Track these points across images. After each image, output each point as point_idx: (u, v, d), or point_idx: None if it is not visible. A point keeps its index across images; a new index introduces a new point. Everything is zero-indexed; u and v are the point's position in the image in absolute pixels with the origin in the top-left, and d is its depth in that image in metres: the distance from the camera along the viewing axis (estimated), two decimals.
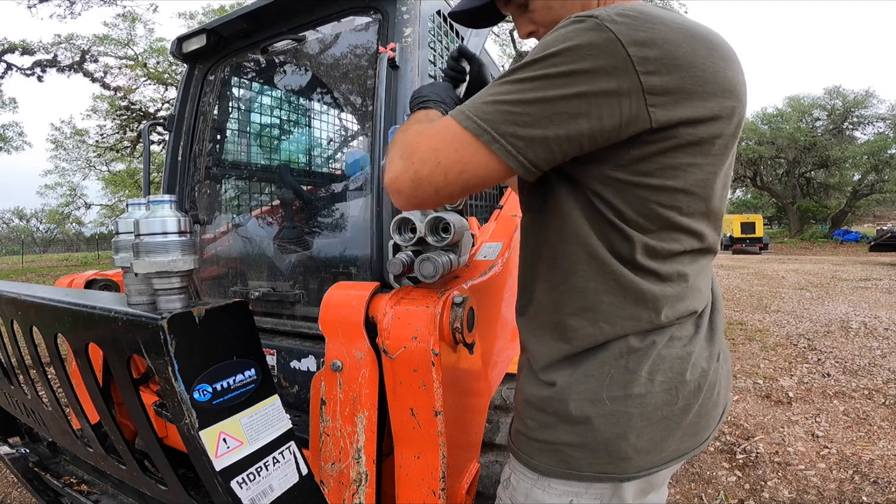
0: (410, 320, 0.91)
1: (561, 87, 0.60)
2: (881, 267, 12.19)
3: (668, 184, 0.66)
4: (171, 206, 0.79)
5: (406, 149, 0.69)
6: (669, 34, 0.61)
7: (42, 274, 15.27)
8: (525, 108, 0.61)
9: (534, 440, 0.77)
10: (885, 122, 25.14)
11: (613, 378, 0.71)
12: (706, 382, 0.75)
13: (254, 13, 1.53)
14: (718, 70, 0.64)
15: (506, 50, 15.31)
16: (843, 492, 2.28)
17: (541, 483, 0.77)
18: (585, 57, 0.59)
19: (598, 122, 0.61)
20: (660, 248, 0.69)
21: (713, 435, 0.81)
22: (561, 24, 0.63)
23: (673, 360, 0.72)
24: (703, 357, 0.75)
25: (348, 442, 0.96)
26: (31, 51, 13.00)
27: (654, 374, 0.71)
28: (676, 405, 0.72)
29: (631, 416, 0.71)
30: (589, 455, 0.72)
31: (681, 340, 0.74)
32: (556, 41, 0.61)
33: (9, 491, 2.33)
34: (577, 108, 0.60)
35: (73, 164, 22.25)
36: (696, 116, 0.63)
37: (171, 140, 1.81)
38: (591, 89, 0.59)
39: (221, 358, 0.71)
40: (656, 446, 0.72)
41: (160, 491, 0.91)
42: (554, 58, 0.60)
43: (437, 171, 0.66)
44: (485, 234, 1.50)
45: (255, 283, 1.66)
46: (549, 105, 0.60)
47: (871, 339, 4.82)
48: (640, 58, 0.59)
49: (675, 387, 0.72)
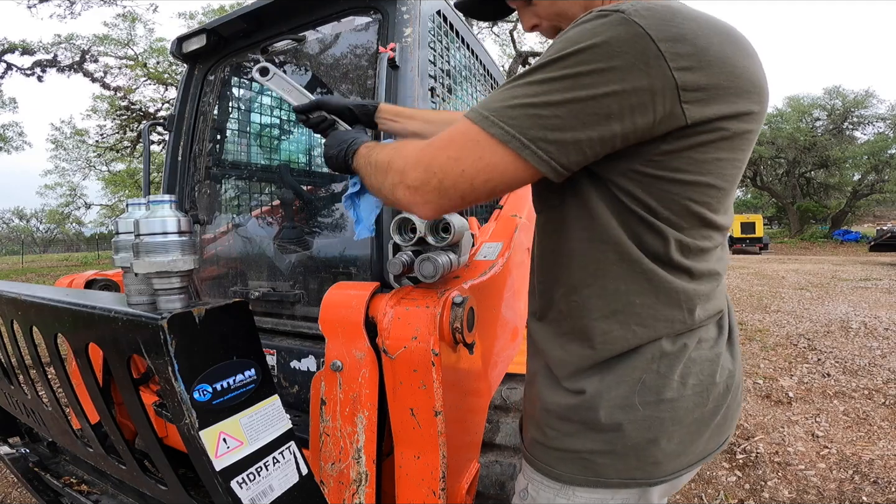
0: (410, 320, 0.91)
1: (591, 86, 0.57)
2: (881, 267, 12.19)
3: (701, 179, 0.64)
4: (171, 206, 0.79)
5: (417, 163, 0.66)
6: (699, 30, 0.59)
7: (42, 274, 15.27)
8: (554, 110, 0.58)
9: (554, 449, 0.75)
10: (885, 122, 25.15)
11: (645, 383, 0.69)
12: (734, 383, 0.75)
13: (254, 13, 1.53)
14: (747, 66, 0.63)
15: (506, 50, 15.32)
16: (843, 492, 2.28)
17: (564, 492, 0.74)
18: (615, 54, 0.56)
19: (632, 122, 0.59)
20: (693, 245, 0.68)
21: (732, 435, 0.81)
22: (583, 19, 0.60)
23: (703, 362, 0.71)
24: (728, 358, 0.75)
25: (348, 442, 0.96)
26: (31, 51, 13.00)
27: (687, 378, 0.70)
28: (707, 407, 0.71)
29: (663, 421, 0.69)
30: (617, 462, 0.70)
31: (708, 342, 0.72)
32: (582, 37, 0.58)
33: (9, 491, 2.33)
34: (610, 109, 0.58)
35: (73, 164, 22.25)
36: (728, 113, 0.61)
37: (171, 140, 1.81)
38: (624, 88, 0.57)
39: (221, 358, 0.71)
40: (686, 449, 0.71)
41: (160, 491, 0.91)
42: (580, 54, 0.58)
43: (462, 180, 0.64)
44: (485, 234, 1.50)
45: (255, 283, 1.66)
46: (579, 106, 0.58)
47: (871, 339, 4.82)
48: (673, 54, 0.56)
49: (706, 389, 0.71)
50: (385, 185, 0.72)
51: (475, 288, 1.11)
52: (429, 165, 0.65)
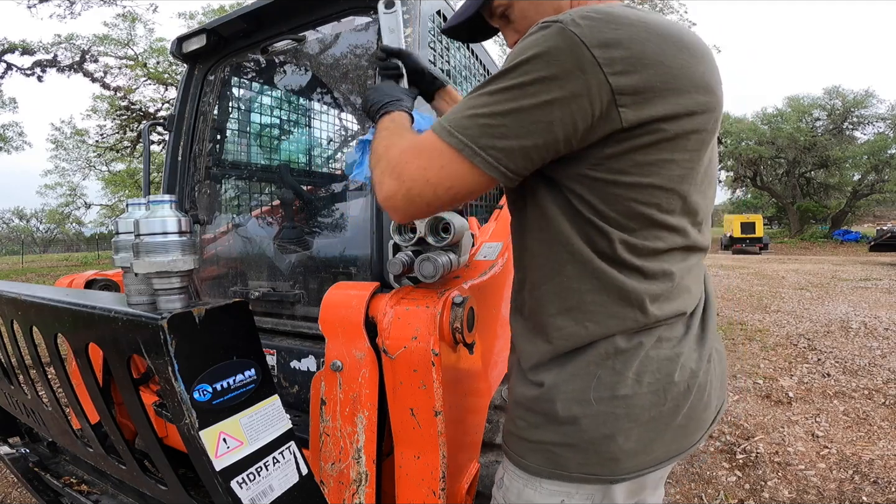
0: (410, 320, 0.91)
1: (532, 95, 0.61)
2: (881, 267, 12.19)
3: (645, 181, 0.66)
4: (171, 206, 0.79)
5: (394, 168, 0.70)
6: (634, 33, 0.61)
7: (42, 274, 15.27)
8: (501, 119, 0.63)
9: (524, 440, 0.77)
10: (884, 122, 25.13)
11: (600, 379, 0.71)
12: (696, 383, 0.75)
13: (254, 13, 1.53)
14: (688, 66, 0.64)
15: (505, 50, 15.32)
16: (843, 492, 2.28)
17: (532, 483, 0.77)
18: (552, 63, 0.60)
19: (573, 127, 0.62)
20: (641, 245, 0.69)
21: (706, 435, 0.81)
22: (529, 32, 0.64)
23: (661, 361, 0.72)
24: (692, 358, 0.75)
25: (348, 442, 0.96)
26: (31, 51, 12.99)
27: (642, 376, 0.71)
28: (665, 406, 0.72)
29: (618, 417, 0.70)
30: (578, 455, 0.72)
31: (670, 341, 0.73)
32: (524, 50, 0.62)
33: (9, 491, 2.33)
34: (551, 115, 0.61)
35: (73, 164, 22.25)
36: (667, 113, 0.63)
37: (171, 140, 1.81)
38: (563, 94, 0.60)
39: (221, 358, 0.71)
40: (645, 448, 0.72)
41: (160, 491, 0.91)
42: (523, 66, 0.62)
43: (427, 188, 0.67)
44: (485, 234, 1.50)
45: (255, 283, 1.66)
46: (523, 115, 0.62)
47: (871, 339, 4.82)
48: (606, 59, 0.59)
49: (664, 388, 0.72)
50: (373, 175, 0.76)
51: (475, 288, 1.11)
52: (401, 174, 0.69)
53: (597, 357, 0.71)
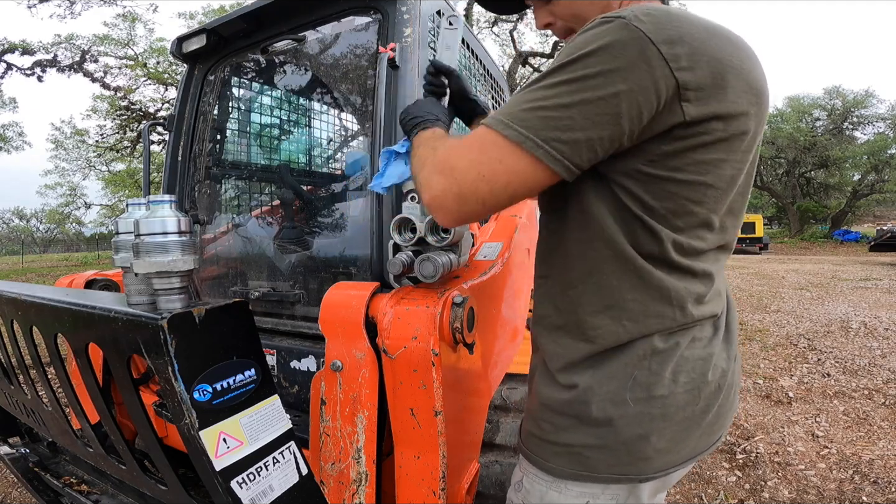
0: (410, 320, 0.91)
1: (599, 87, 0.60)
2: (881, 267, 12.19)
3: (699, 179, 0.66)
4: (171, 206, 0.79)
5: (442, 165, 0.68)
6: (695, 31, 0.62)
7: (42, 274, 15.27)
8: (566, 111, 0.61)
9: (549, 443, 0.77)
10: (885, 122, 25.14)
11: (637, 379, 0.70)
12: (726, 383, 0.76)
13: (254, 13, 1.53)
14: (744, 67, 0.65)
15: (506, 50, 15.32)
16: (843, 492, 2.28)
17: (556, 485, 0.76)
18: (618, 55, 0.60)
19: (638, 119, 0.61)
20: (688, 245, 0.69)
21: (725, 435, 0.82)
22: (588, 26, 0.63)
23: (695, 360, 0.72)
24: (722, 357, 0.76)
25: (348, 442, 0.96)
26: (31, 51, 12.99)
27: (678, 376, 0.71)
28: (698, 405, 0.73)
29: (653, 417, 0.70)
30: (609, 456, 0.72)
31: (701, 341, 0.74)
32: (587, 42, 0.61)
33: (9, 491, 2.33)
34: (619, 107, 0.60)
35: (73, 164, 22.25)
36: (726, 112, 0.63)
37: (171, 140, 1.81)
38: (629, 87, 0.60)
39: (221, 358, 0.71)
40: (675, 446, 0.72)
41: (160, 491, 0.91)
42: (586, 58, 0.61)
43: (481, 184, 0.64)
44: (485, 234, 1.50)
45: (255, 283, 1.66)
46: (590, 106, 0.60)
47: (871, 339, 4.82)
48: (672, 54, 0.60)
49: (698, 387, 0.72)
50: (417, 180, 0.75)
51: (475, 288, 1.11)
52: (452, 170, 0.66)
53: (634, 357, 0.71)
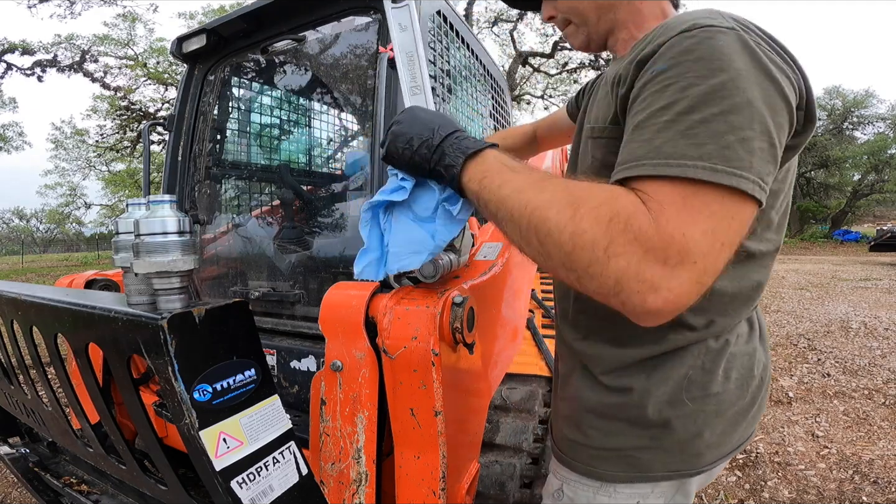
0: (410, 320, 0.91)
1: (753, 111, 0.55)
2: (881, 267, 12.18)
3: (779, 187, 0.67)
4: (171, 206, 0.79)
5: (663, 244, 0.49)
6: (780, 39, 0.61)
7: (42, 274, 15.26)
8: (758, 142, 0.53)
9: (596, 448, 0.76)
10: (885, 122, 25.14)
11: (692, 379, 0.71)
12: (767, 375, 0.79)
13: (254, 13, 1.53)
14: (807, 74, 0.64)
15: (506, 50, 15.32)
16: (843, 492, 2.28)
17: (605, 489, 0.76)
18: (757, 76, 0.56)
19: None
20: (756, 249, 0.71)
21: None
22: (693, 39, 0.56)
23: (743, 356, 0.74)
24: (761, 351, 0.78)
25: (348, 442, 0.96)
26: (31, 51, 13.00)
27: (730, 372, 0.72)
28: (746, 399, 0.75)
29: (707, 415, 0.71)
30: (663, 456, 0.72)
31: (743, 337, 0.75)
32: (710, 66, 0.54)
33: (9, 491, 2.33)
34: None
35: (73, 164, 22.26)
36: (811, 116, 0.62)
37: (171, 140, 1.81)
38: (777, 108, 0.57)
39: (221, 358, 0.70)
40: (725, 439, 0.74)
41: (160, 491, 0.91)
42: (721, 85, 0.54)
43: (724, 255, 0.51)
44: (485, 234, 1.50)
45: (255, 283, 1.66)
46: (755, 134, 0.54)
47: (871, 339, 4.82)
48: (787, 68, 0.59)
49: (746, 382, 0.74)
50: (600, 275, 0.51)
51: (475, 288, 1.11)
52: (685, 254, 0.48)
53: (689, 358, 0.71)
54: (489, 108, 2.20)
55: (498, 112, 2.32)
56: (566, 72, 15.20)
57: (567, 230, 0.51)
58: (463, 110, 1.79)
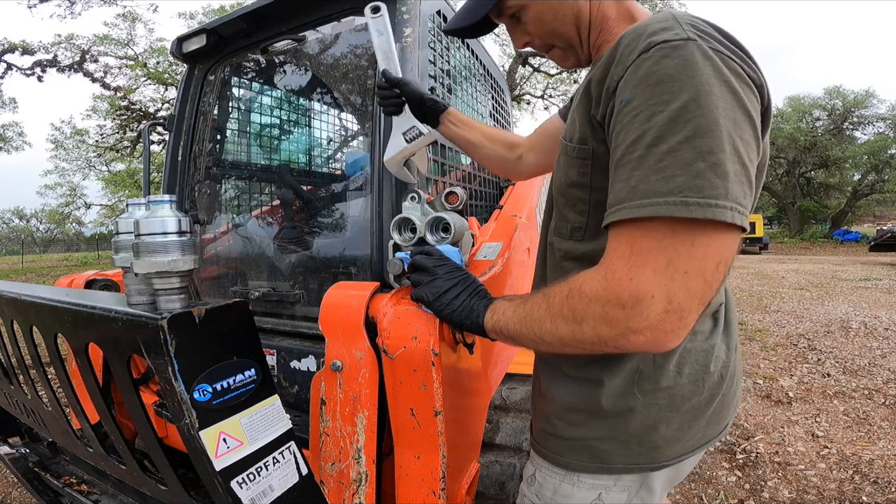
0: (410, 320, 0.91)
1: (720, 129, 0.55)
2: (881, 267, 12.18)
3: None
4: (171, 206, 0.79)
5: (613, 295, 0.55)
6: (745, 46, 0.61)
7: (42, 274, 15.26)
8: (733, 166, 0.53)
9: (562, 438, 0.79)
10: (885, 122, 25.12)
11: (642, 372, 0.73)
12: (728, 372, 0.79)
13: (254, 13, 1.53)
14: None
15: (506, 50, 15.31)
16: (843, 492, 2.28)
17: (569, 478, 0.79)
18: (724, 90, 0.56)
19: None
20: None
21: (731, 422, 0.85)
22: (653, 57, 0.56)
23: (698, 353, 0.75)
24: (722, 349, 0.79)
25: (348, 442, 0.96)
26: (31, 51, 13.00)
27: (682, 367, 0.74)
28: (702, 395, 0.75)
29: (660, 408, 0.73)
30: (620, 447, 0.74)
31: (702, 334, 0.77)
32: (672, 83, 0.54)
33: (9, 491, 2.33)
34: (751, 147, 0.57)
35: (73, 164, 22.26)
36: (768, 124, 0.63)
37: (171, 140, 1.81)
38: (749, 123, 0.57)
39: (221, 358, 0.70)
40: (683, 435, 0.75)
41: (160, 491, 0.91)
42: (684, 103, 0.55)
43: (692, 282, 0.53)
44: (485, 234, 1.50)
45: (255, 283, 1.66)
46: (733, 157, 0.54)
47: (871, 339, 4.82)
48: (754, 78, 0.59)
49: (701, 378, 0.75)
50: (584, 338, 0.60)
51: None
52: (637, 294, 0.54)
53: (639, 353, 0.73)
54: (489, 108, 2.20)
55: (498, 112, 2.32)
56: (566, 72, 15.20)
57: (551, 333, 0.64)
58: (463, 110, 1.79)
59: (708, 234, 0.53)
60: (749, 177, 0.54)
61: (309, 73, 1.74)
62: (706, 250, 0.53)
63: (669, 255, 0.53)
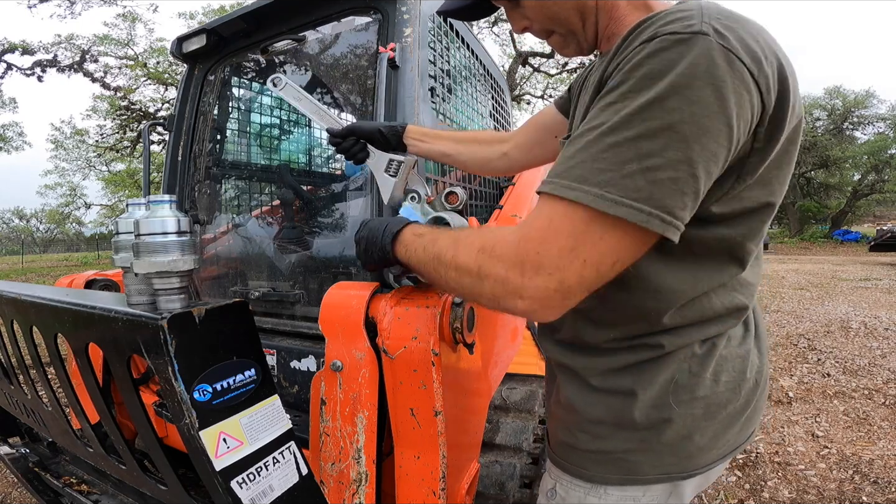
0: (410, 320, 0.91)
1: (702, 130, 0.54)
2: (881, 267, 12.18)
3: (766, 200, 0.65)
4: (171, 206, 0.79)
5: (522, 263, 0.56)
6: (769, 40, 0.58)
7: (42, 274, 15.27)
8: (675, 165, 0.53)
9: (586, 451, 0.76)
10: (885, 122, 25.13)
11: (678, 383, 0.71)
12: (762, 377, 0.78)
13: (254, 13, 1.53)
14: (794, 71, 0.61)
15: (506, 50, 15.32)
16: (843, 492, 2.28)
17: (595, 491, 0.76)
18: (719, 87, 0.54)
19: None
20: (752, 251, 0.70)
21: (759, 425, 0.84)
22: (656, 47, 0.54)
23: (735, 359, 0.73)
24: (755, 353, 0.77)
25: (348, 442, 0.96)
26: (31, 51, 13.00)
27: (719, 375, 0.72)
28: (739, 402, 0.74)
29: (696, 417, 0.71)
30: (653, 458, 0.72)
31: (736, 339, 0.75)
32: (667, 72, 0.53)
33: (9, 491, 2.33)
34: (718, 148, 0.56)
35: (73, 164, 22.26)
36: (791, 129, 0.61)
37: (171, 140, 1.81)
38: (731, 124, 0.55)
39: (221, 358, 0.70)
40: (717, 442, 0.73)
41: (160, 491, 0.91)
42: (676, 95, 0.53)
43: (586, 271, 0.55)
44: None
45: (255, 283, 1.66)
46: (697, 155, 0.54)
47: (871, 339, 4.82)
48: (763, 77, 0.56)
49: (738, 385, 0.73)
50: (482, 293, 0.62)
51: None
52: (537, 265, 0.55)
53: (675, 362, 0.71)
54: (489, 108, 2.20)
55: (498, 112, 2.32)
56: (566, 72, 15.20)
57: (456, 281, 0.64)
58: (463, 110, 1.79)
59: (618, 232, 0.54)
60: (696, 187, 0.53)
61: (309, 74, 1.74)
62: (609, 246, 0.55)
63: (578, 241, 0.55)
